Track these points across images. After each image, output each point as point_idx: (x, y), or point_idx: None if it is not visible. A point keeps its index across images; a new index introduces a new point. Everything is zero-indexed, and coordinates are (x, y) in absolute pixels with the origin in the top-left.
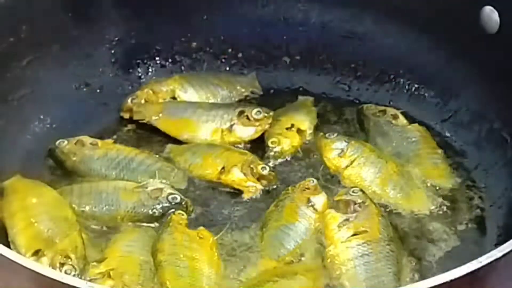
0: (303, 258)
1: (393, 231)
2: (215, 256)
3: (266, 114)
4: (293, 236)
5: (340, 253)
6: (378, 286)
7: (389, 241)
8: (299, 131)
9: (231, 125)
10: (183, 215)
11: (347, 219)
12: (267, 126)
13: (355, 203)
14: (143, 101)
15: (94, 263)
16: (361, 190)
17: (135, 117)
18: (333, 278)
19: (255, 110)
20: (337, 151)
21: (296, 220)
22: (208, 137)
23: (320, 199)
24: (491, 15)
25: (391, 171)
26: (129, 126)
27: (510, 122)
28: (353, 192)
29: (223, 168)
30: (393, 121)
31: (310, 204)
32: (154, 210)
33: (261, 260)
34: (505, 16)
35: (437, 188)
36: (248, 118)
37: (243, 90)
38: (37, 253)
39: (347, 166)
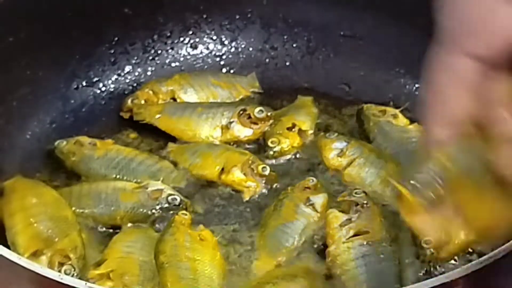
0: (302, 257)
1: (395, 232)
2: (217, 256)
3: (268, 114)
4: (292, 234)
5: (341, 253)
6: (379, 287)
7: (391, 242)
8: (300, 131)
9: (230, 123)
10: (186, 215)
11: (349, 219)
12: (266, 128)
13: (358, 204)
14: (143, 102)
15: (94, 265)
16: (364, 191)
17: (136, 118)
18: (334, 278)
19: (257, 109)
20: (336, 151)
21: (295, 219)
22: (209, 135)
23: (320, 199)
24: None
25: (391, 171)
26: (129, 127)
27: None
28: (355, 193)
29: (223, 168)
30: (393, 121)
31: (309, 203)
32: (154, 211)
33: (259, 259)
34: None
35: None
36: (249, 116)
37: (243, 90)
38: (35, 253)
39: (346, 166)
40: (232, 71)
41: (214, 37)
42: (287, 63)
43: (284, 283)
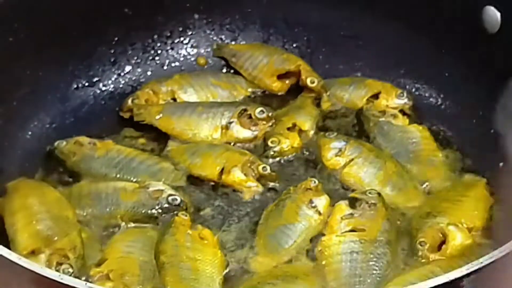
0: (302, 259)
1: (393, 235)
2: (218, 254)
3: (269, 114)
4: (292, 236)
5: (331, 245)
6: (358, 285)
7: (385, 244)
8: (301, 131)
9: (230, 123)
10: (186, 216)
11: (351, 214)
12: (268, 129)
13: (366, 203)
14: (143, 102)
15: (94, 265)
16: (378, 193)
17: (136, 119)
18: (319, 268)
19: (258, 110)
20: (335, 151)
21: (296, 221)
22: (209, 135)
23: (322, 201)
24: (492, 15)
25: (390, 171)
26: (129, 127)
27: None
28: (369, 193)
29: (223, 168)
30: (393, 121)
31: (312, 205)
32: (154, 211)
33: (258, 258)
34: (506, 16)
35: (436, 188)
36: (250, 116)
37: (243, 90)
38: (34, 251)
39: (345, 166)
40: (232, 71)
41: (214, 37)
42: None
43: (284, 284)
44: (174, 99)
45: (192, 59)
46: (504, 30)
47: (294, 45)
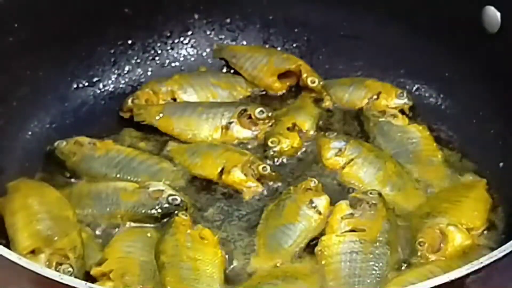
0: (302, 259)
1: (393, 235)
2: (219, 254)
3: (269, 114)
4: (292, 236)
5: (331, 245)
6: (357, 285)
7: (385, 244)
8: (301, 131)
9: (229, 123)
10: (186, 216)
11: (352, 214)
12: (268, 129)
13: (367, 203)
14: (143, 102)
15: (95, 265)
16: (379, 193)
17: (136, 119)
18: (319, 268)
19: (258, 110)
20: (334, 151)
21: (296, 221)
22: (209, 135)
23: (322, 201)
24: (492, 15)
25: (389, 171)
26: (129, 127)
27: (511, 122)
28: (370, 193)
29: (223, 168)
30: (393, 121)
31: (312, 205)
32: (154, 211)
33: (258, 257)
34: (506, 16)
35: (436, 188)
36: (250, 117)
37: (243, 90)
38: (34, 251)
39: (344, 166)
40: (232, 71)
41: (214, 37)
42: None
43: (284, 284)
44: (174, 99)
45: (192, 59)
46: (504, 30)
47: (294, 45)
